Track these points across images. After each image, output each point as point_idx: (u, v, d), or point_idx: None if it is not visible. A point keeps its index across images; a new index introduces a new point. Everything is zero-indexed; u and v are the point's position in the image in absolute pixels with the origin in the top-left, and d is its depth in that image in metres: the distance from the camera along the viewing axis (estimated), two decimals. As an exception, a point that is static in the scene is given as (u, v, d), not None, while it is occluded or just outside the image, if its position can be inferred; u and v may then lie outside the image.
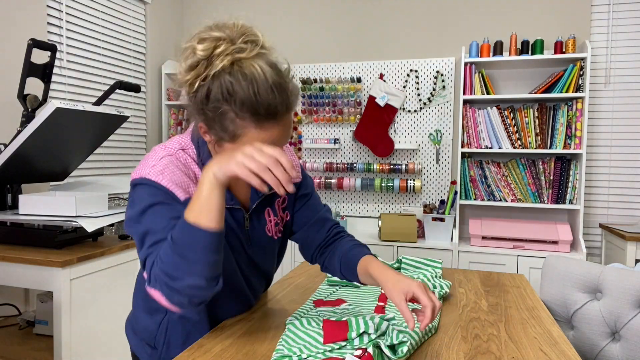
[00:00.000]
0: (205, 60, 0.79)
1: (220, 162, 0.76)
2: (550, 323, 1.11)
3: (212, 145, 0.91)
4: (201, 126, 0.85)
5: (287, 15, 3.42)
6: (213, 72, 0.78)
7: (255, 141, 0.80)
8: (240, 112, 0.79)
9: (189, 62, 0.79)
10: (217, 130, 0.82)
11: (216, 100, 0.79)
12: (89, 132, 1.91)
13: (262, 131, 0.80)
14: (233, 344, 0.96)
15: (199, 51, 0.79)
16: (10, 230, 1.74)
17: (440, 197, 3.15)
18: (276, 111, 0.80)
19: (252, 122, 0.79)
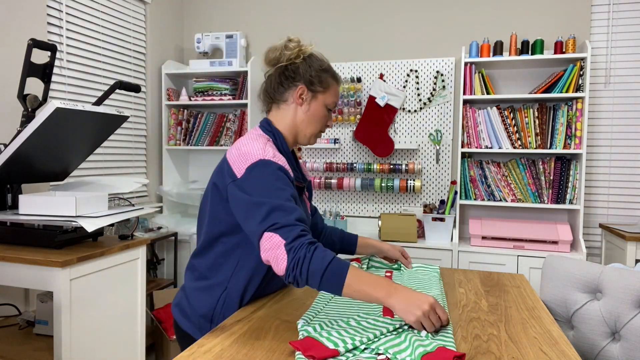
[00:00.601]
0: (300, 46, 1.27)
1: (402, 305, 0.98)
2: (550, 323, 1.11)
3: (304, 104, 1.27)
4: (300, 87, 1.26)
5: (287, 15, 3.42)
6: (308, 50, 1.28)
7: (333, 91, 1.31)
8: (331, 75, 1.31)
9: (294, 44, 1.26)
10: (317, 85, 1.27)
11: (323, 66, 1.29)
12: (89, 132, 1.91)
13: (336, 87, 1.32)
14: (233, 344, 0.96)
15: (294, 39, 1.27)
16: (10, 230, 1.74)
17: (440, 197, 3.15)
18: (339, 78, 1.35)
19: (334, 80, 1.32)
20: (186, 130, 3.40)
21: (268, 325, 1.07)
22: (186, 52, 3.68)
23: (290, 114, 1.28)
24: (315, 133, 1.31)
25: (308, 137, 1.31)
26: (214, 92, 3.29)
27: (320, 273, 0.98)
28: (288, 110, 1.28)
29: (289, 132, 1.29)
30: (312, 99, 1.27)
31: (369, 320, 1.04)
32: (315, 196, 3.38)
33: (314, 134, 1.31)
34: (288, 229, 1.01)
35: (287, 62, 1.26)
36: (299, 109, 1.28)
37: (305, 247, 1.00)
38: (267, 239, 1.02)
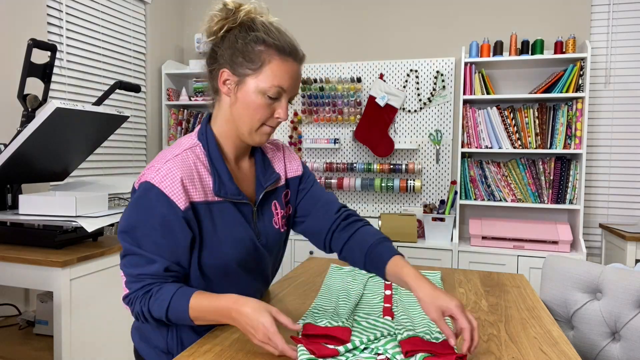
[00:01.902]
0: (233, 12, 0.94)
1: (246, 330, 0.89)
2: (550, 323, 1.11)
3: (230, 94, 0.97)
4: (223, 72, 0.95)
5: (286, 15, 3.42)
6: (241, 19, 0.94)
7: (271, 70, 0.93)
8: (269, 45, 0.93)
9: (219, 13, 0.94)
10: (243, 63, 0.93)
11: (248, 37, 0.93)
12: (89, 132, 1.91)
13: (283, 63, 0.94)
14: (233, 344, 0.96)
15: (229, 5, 0.94)
16: (10, 230, 1.74)
17: (440, 197, 3.15)
18: (297, 51, 0.96)
19: (276, 53, 0.93)
20: (186, 130, 3.40)
21: (268, 325, 1.07)
22: (186, 52, 3.68)
23: (224, 107, 0.99)
24: (254, 128, 0.97)
25: (246, 134, 0.98)
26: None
27: (164, 318, 0.92)
28: (222, 103, 0.99)
29: (228, 131, 1.01)
30: (239, 85, 0.95)
31: (369, 320, 1.04)
32: (315, 196, 3.38)
33: (253, 129, 0.97)
34: (130, 280, 0.94)
35: (210, 39, 0.97)
36: (226, 101, 0.98)
37: (139, 300, 0.93)
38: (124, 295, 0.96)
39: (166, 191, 0.91)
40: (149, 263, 0.92)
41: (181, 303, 0.91)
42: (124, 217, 0.94)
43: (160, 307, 0.91)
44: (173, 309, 0.91)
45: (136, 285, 0.93)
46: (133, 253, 0.93)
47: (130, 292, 0.94)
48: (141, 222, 0.92)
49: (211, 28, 0.96)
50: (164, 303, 0.91)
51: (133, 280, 0.93)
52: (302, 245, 3.00)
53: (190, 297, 0.91)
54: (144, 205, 0.92)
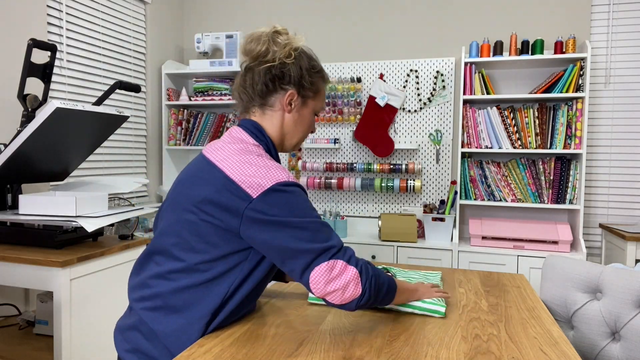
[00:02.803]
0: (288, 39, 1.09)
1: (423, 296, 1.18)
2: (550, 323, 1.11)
3: (292, 111, 1.12)
4: (291, 93, 1.09)
5: (286, 15, 3.42)
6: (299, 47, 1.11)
7: (323, 95, 1.17)
8: (322, 77, 1.15)
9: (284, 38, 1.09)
10: (308, 89, 1.11)
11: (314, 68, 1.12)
12: (89, 132, 1.91)
13: (324, 89, 1.18)
14: (233, 344, 0.96)
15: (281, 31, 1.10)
16: (10, 230, 1.74)
17: (440, 197, 3.15)
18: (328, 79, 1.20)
19: (324, 82, 1.17)
20: (186, 130, 3.40)
21: (268, 325, 1.07)
22: (186, 52, 3.67)
23: (277, 120, 1.11)
24: (301, 140, 1.18)
25: (294, 145, 1.16)
26: (214, 92, 3.29)
27: (385, 288, 1.02)
28: (275, 117, 1.11)
29: (276, 139, 1.13)
30: (302, 106, 1.12)
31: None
32: (316, 196, 3.38)
33: (301, 141, 1.18)
34: (343, 251, 0.96)
35: (277, 62, 1.08)
36: (287, 117, 1.11)
37: (367, 264, 0.99)
38: (329, 268, 0.92)
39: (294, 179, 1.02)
40: (334, 231, 1.00)
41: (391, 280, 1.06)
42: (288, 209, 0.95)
43: (382, 273, 1.02)
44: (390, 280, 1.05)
45: (350, 250, 0.98)
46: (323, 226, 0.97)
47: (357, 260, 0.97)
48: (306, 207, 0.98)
49: (277, 52, 1.08)
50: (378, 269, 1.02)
51: (345, 248, 0.98)
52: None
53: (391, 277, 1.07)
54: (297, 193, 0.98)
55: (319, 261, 0.93)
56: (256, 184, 0.95)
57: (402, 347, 0.96)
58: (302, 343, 0.98)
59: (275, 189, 0.95)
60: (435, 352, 0.94)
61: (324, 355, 0.92)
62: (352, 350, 0.94)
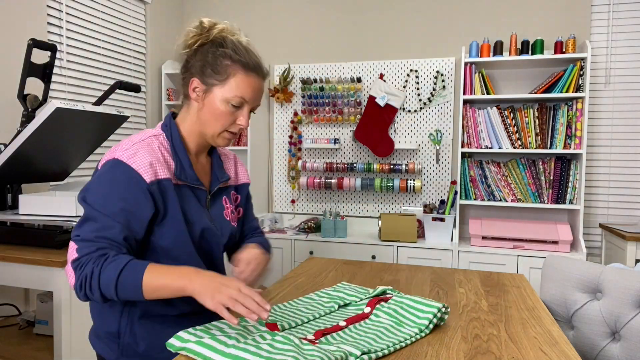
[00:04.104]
0: (207, 30, 1.07)
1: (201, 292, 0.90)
2: (550, 323, 1.11)
3: (199, 100, 1.08)
4: (193, 80, 1.07)
5: (287, 15, 3.42)
6: (214, 35, 1.07)
7: (236, 82, 1.05)
8: (235, 61, 1.05)
9: (194, 30, 1.07)
10: (211, 75, 1.05)
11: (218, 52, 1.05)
12: (89, 132, 1.91)
13: (244, 76, 1.06)
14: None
15: (205, 23, 1.08)
16: (10, 230, 1.74)
17: (440, 197, 3.15)
18: (261, 69, 1.09)
19: (241, 68, 1.06)
20: (186, 130, 3.40)
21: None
22: (186, 52, 3.67)
23: (191, 111, 1.11)
24: (217, 133, 1.09)
25: (210, 137, 1.10)
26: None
27: (114, 282, 0.91)
28: (190, 107, 1.11)
29: (193, 130, 1.12)
30: (206, 93, 1.06)
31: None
32: (315, 196, 3.38)
33: (216, 133, 1.09)
34: (85, 244, 0.94)
35: (184, 50, 1.09)
36: (194, 106, 1.10)
37: (92, 261, 0.92)
38: (70, 247, 0.96)
39: (134, 166, 0.99)
40: (109, 228, 0.95)
41: (137, 268, 0.93)
42: (88, 188, 0.99)
43: (113, 270, 0.91)
44: (127, 273, 0.92)
45: (91, 247, 0.94)
46: (93, 219, 0.96)
47: (82, 255, 0.93)
48: (106, 193, 0.98)
49: (186, 41, 1.08)
50: (119, 266, 0.92)
51: (88, 245, 0.94)
52: (302, 245, 3.00)
53: (147, 264, 0.94)
54: (110, 178, 0.99)
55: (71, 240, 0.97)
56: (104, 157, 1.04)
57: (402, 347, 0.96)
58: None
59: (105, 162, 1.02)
60: (435, 352, 0.94)
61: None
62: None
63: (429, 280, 1.48)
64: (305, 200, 3.41)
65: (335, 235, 3.01)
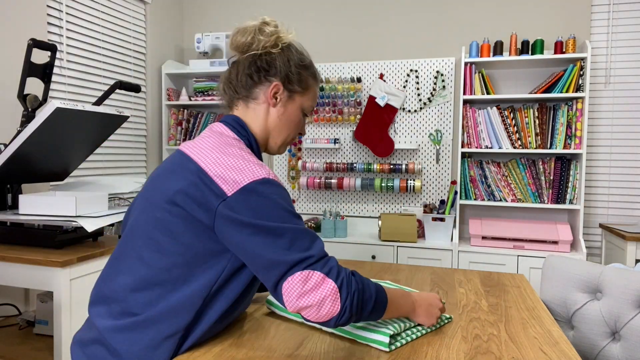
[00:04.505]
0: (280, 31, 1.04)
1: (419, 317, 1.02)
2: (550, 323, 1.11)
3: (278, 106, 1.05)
4: (275, 85, 1.03)
5: (287, 15, 3.42)
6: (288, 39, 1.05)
7: (313, 93, 1.10)
8: (312, 74, 1.09)
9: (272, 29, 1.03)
10: (296, 84, 1.05)
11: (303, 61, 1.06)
12: (89, 132, 1.91)
13: (316, 88, 1.11)
14: (233, 344, 0.96)
15: (275, 23, 1.04)
16: (10, 230, 1.74)
17: (440, 197, 3.15)
18: (320, 80, 1.16)
19: (314, 80, 1.10)
20: (186, 130, 3.40)
21: (268, 325, 1.07)
22: (186, 52, 3.68)
23: (261, 115, 1.04)
24: (287, 142, 1.09)
25: (279, 145, 1.08)
26: (214, 92, 3.29)
27: (371, 305, 0.87)
28: (259, 111, 1.04)
29: (260, 136, 1.06)
30: (289, 100, 1.05)
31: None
32: (315, 196, 3.38)
33: (286, 142, 1.09)
34: (324, 262, 0.83)
35: (261, 51, 1.03)
36: (272, 111, 1.04)
37: (350, 277, 0.84)
38: (303, 279, 0.80)
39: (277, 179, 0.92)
40: (318, 238, 0.87)
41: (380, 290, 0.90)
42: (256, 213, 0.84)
43: (369, 286, 0.87)
44: (379, 289, 0.90)
45: (332, 261, 0.84)
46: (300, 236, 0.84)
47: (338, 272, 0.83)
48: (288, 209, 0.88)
49: (262, 41, 1.03)
50: (367, 280, 0.88)
51: (326, 258, 0.84)
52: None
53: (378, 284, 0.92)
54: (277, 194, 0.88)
55: (294, 271, 0.81)
56: (232, 180, 0.86)
57: (402, 347, 0.96)
58: (302, 343, 0.98)
59: (252, 188, 0.86)
60: (435, 352, 0.94)
61: (324, 355, 0.92)
62: (352, 350, 0.94)
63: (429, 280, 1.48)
64: (305, 200, 3.41)
65: (335, 235, 3.01)
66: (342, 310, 0.82)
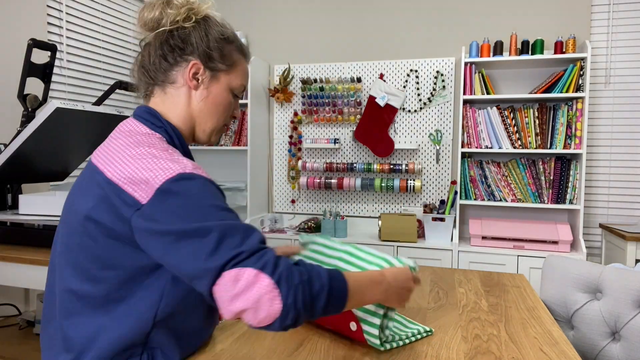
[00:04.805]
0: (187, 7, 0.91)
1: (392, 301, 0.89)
2: (550, 323, 1.11)
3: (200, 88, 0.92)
4: (194, 64, 0.90)
5: (287, 15, 3.42)
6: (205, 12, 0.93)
7: (241, 70, 0.97)
8: (237, 47, 0.96)
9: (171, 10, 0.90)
10: (218, 61, 0.92)
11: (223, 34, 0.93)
12: (89, 132, 1.91)
13: (244, 64, 0.98)
14: (233, 344, 0.96)
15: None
16: (10, 230, 1.74)
17: (440, 197, 3.15)
18: (249, 55, 1.01)
19: (241, 55, 0.97)
20: (186, 130, 3.40)
21: (268, 325, 1.07)
22: (186, 52, 3.67)
23: (182, 100, 0.92)
24: (218, 127, 0.96)
25: (208, 132, 0.95)
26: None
27: (324, 297, 0.74)
28: (178, 96, 0.92)
29: (183, 125, 0.93)
30: (212, 81, 0.92)
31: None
32: (315, 196, 3.38)
33: (217, 128, 0.96)
34: (257, 256, 0.71)
35: (172, 26, 0.90)
36: (194, 94, 0.92)
37: (291, 268, 0.72)
38: (233, 279, 0.69)
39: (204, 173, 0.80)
40: (254, 231, 0.75)
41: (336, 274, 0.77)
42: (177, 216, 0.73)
43: (319, 275, 0.74)
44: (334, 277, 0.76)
45: (269, 254, 0.72)
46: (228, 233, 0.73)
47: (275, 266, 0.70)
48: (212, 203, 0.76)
49: (172, 14, 0.90)
50: (318, 268, 0.75)
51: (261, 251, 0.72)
52: (302, 245, 3.00)
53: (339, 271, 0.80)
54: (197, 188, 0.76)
55: (216, 271, 0.70)
56: (143, 184, 0.75)
57: (402, 347, 0.96)
58: (302, 343, 0.98)
59: (166, 189, 0.74)
60: (435, 352, 0.94)
61: (324, 355, 0.92)
62: (352, 350, 0.94)
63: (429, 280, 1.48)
64: (305, 200, 3.41)
65: (335, 235, 3.01)
66: (284, 309, 0.69)
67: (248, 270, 0.69)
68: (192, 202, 0.74)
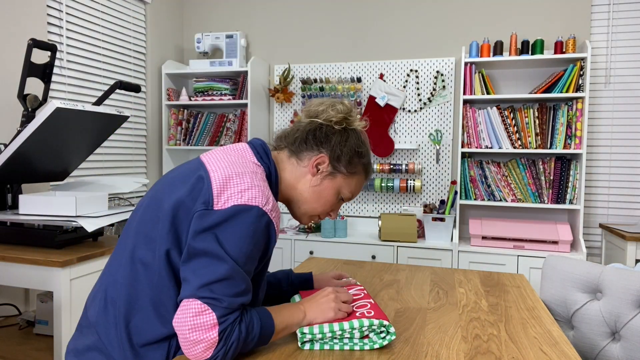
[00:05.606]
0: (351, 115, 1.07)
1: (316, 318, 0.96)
2: (550, 323, 1.11)
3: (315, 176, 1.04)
4: (322, 156, 1.03)
5: (287, 15, 3.42)
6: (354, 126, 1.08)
7: (357, 182, 1.08)
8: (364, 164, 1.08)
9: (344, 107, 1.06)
10: (342, 165, 1.04)
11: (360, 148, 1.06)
12: (89, 132, 1.91)
13: (362, 179, 1.09)
14: (233, 344, 0.96)
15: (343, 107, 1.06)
16: (10, 230, 1.74)
17: (440, 197, 3.15)
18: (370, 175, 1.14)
19: (364, 172, 1.09)
20: (186, 130, 3.40)
21: (268, 325, 1.07)
22: (186, 52, 3.68)
23: (297, 174, 1.05)
24: (312, 213, 1.07)
25: (300, 213, 1.08)
26: (214, 92, 3.29)
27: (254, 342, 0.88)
28: (297, 170, 1.05)
29: (286, 189, 1.06)
30: (329, 176, 1.04)
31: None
32: (315, 196, 3.38)
33: (311, 213, 1.07)
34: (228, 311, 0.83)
35: (325, 123, 1.05)
36: (308, 177, 1.04)
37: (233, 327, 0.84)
38: (198, 311, 0.81)
39: (275, 221, 0.93)
40: (247, 293, 0.87)
41: (265, 315, 0.90)
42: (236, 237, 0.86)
43: (253, 328, 0.87)
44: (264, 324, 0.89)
45: (234, 315, 0.84)
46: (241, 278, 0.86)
47: (227, 324, 0.83)
48: (251, 251, 0.88)
49: (331, 115, 1.05)
50: (255, 321, 0.88)
51: (233, 310, 0.84)
52: (302, 245, 3.00)
53: (266, 310, 0.92)
54: (259, 233, 0.89)
55: (197, 296, 0.82)
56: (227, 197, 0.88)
57: (402, 347, 0.96)
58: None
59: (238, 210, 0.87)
60: (435, 352, 0.94)
61: (324, 355, 0.92)
62: (352, 350, 0.94)
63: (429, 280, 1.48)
64: (305, 200, 3.40)
65: (335, 235, 3.01)
66: (212, 358, 0.83)
67: (212, 315, 0.82)
68: (243, 235, 0.86)
